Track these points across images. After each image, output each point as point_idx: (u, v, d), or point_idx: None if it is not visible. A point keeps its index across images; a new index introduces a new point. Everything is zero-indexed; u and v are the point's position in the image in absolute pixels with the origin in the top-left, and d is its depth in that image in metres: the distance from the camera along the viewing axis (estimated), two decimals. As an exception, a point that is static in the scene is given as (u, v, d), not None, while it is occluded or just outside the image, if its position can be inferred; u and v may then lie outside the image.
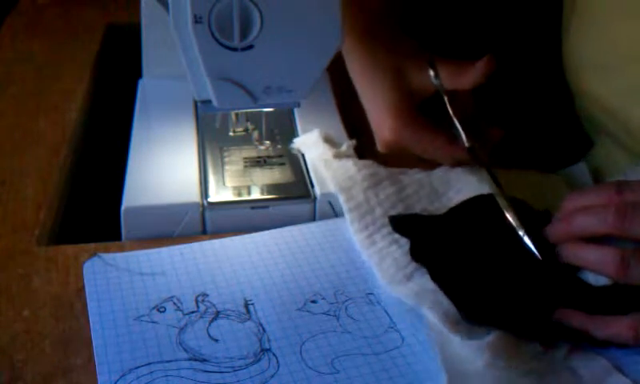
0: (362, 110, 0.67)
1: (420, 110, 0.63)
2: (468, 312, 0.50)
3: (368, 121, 0.66)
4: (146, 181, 0.65)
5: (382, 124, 0.63)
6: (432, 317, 0.50)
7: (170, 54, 0.60)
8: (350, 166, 0.65)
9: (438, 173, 0.66)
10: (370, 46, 0.65)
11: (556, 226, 0.53)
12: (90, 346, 0.49)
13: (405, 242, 0.58)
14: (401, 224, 0.60)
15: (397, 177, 0.65)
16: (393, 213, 0.61)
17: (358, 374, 0.48)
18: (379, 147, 0.66)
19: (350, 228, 0.61)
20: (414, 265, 0.56)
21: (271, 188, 0.66)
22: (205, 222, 0.63)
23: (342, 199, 0.62)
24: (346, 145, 0.69)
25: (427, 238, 0.58)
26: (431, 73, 0.62)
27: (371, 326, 0.52)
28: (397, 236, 0.59)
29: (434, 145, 0.63)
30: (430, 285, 0.53)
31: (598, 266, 0.51)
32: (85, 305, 0.53)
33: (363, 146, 0.72)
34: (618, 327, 0.48)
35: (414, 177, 0.65)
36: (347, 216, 0.61)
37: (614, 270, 0.49)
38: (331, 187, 0.64)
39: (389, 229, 0.60)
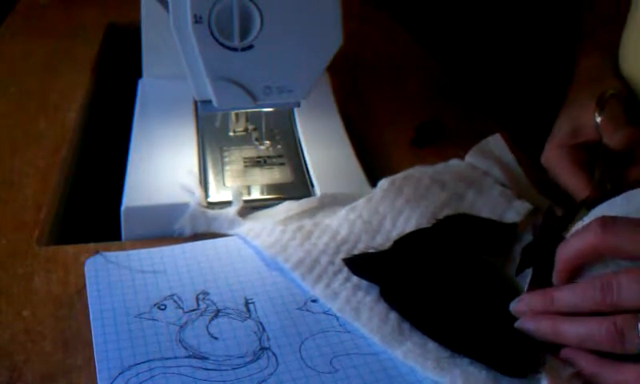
0: (361, 110, 0.67)
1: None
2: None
3: (367, 121, 0.65)
4: (146, 181, 0.65)
5: (545, 147, 0.67)
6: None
7: (170, 54, 0.60)
8: (273, 229, 0.60)
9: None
10: (582, 73, 0.70)
11: (536, 299, 0.50)
12: (90, 346, 0.49)
13: (366, 285, 0.54)
14: (358, 265, 0.56)
15: (323, 224, 0.61)
16: (337, 259, 0.57)
17: (357, 373, 0.48)
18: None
19: (306, 287, 0.55)
20: (395, 315, 0.52)
21: (271, 188, 0.66)
22: (205, 221, 0.63)
23: (280, 260, 0.57)
24: (235, 207, 0.63)
25: (393, 278, 0.55)
26: (597, 117, 0.63)
27: (371, 325, 0.52)
28: (355, 279, 0.55)
29: (569, 181, 0.63)
30: (430, 343, 0.50)
31: (589, 343, 0.46)
32: (85, 305, 0.53)
33: (362, 146, 0.72)
34: (626, 374, 0.45)
35: (333, 219, 0.61)
36: (295, 275, 0.56)
37: (609, 343, 0.45)
38: (268, 253, 0.58)
39: (344, 275, 0.55)
